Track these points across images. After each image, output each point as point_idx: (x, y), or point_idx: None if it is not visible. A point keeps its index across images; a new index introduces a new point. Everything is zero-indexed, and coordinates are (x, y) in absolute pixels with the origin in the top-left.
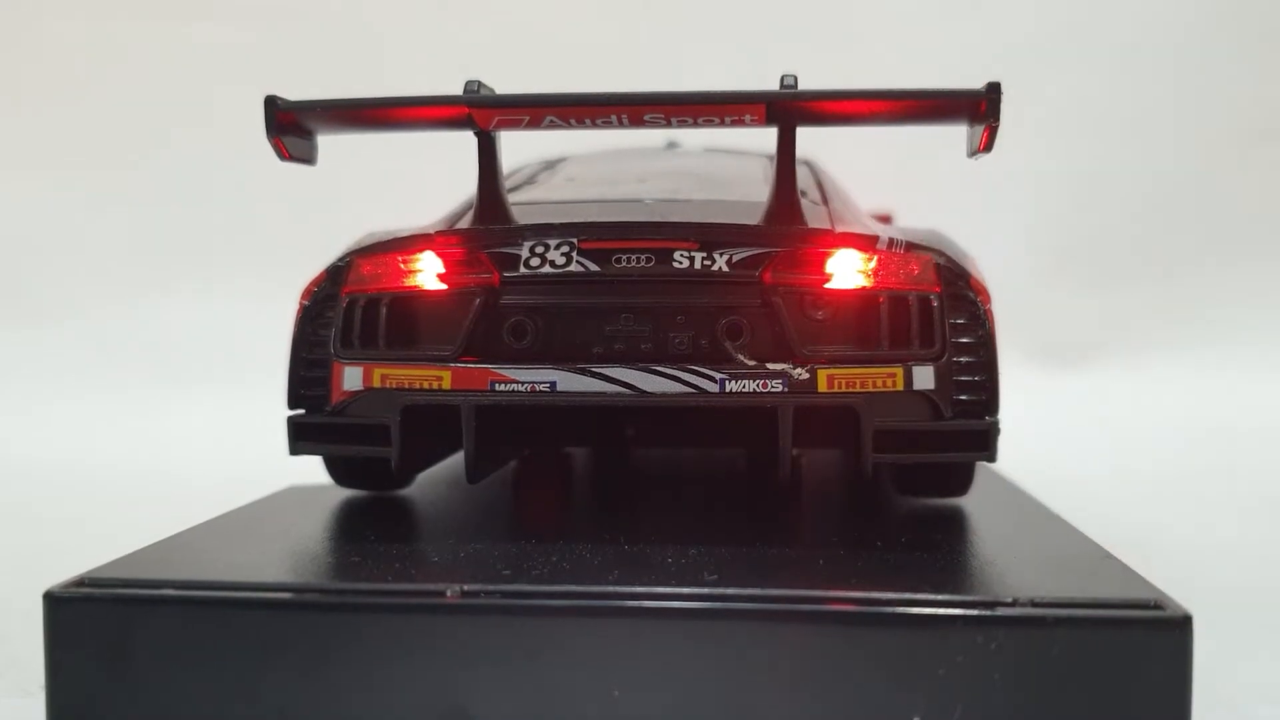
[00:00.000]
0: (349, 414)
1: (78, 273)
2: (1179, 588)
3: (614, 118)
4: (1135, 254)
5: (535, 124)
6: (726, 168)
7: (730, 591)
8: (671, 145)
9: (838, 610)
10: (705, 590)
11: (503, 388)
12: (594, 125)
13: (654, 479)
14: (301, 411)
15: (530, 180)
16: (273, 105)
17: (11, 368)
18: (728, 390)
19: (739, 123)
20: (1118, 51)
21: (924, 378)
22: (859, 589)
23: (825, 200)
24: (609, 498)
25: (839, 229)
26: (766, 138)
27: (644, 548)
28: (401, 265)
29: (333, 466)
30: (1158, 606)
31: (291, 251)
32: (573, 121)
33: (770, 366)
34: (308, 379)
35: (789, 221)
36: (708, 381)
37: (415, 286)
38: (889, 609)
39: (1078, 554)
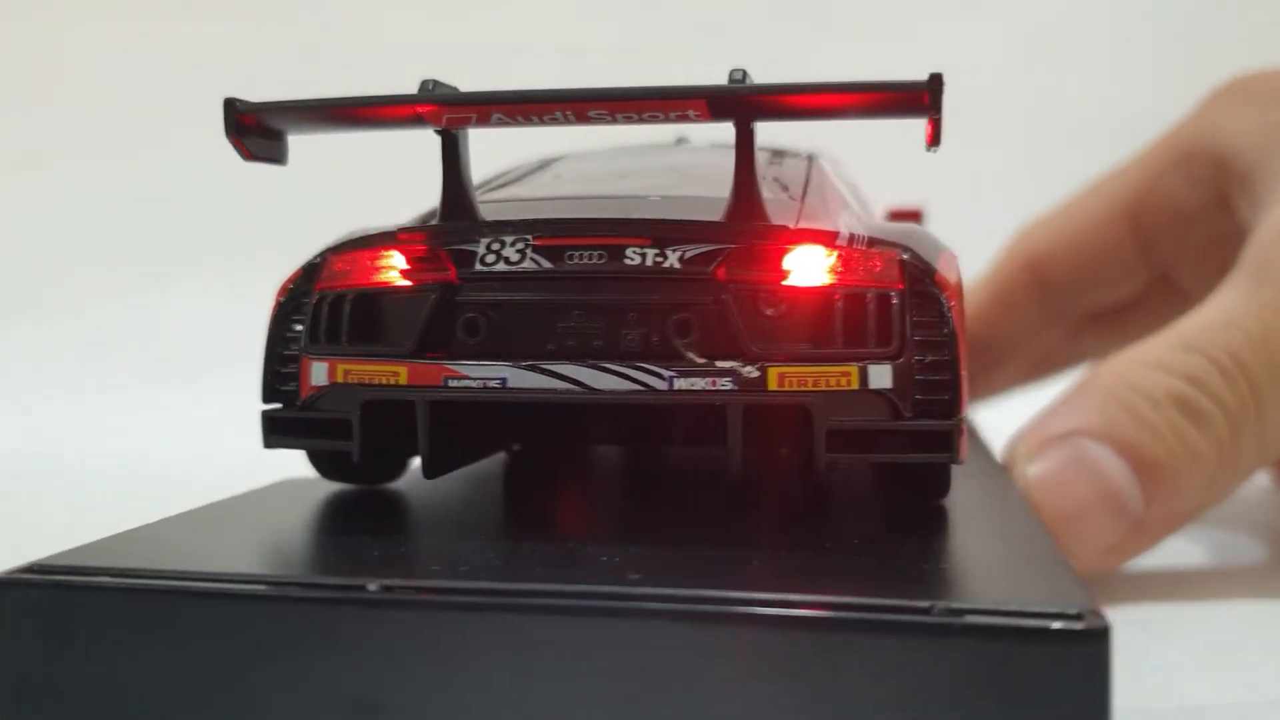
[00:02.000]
0: (317, 408)
1: (75, 271)
2: None
3: (559, 114)
4: None
5: (484, 121)
6: (721, 164)
7: (642, 591)
8: (680, 141)
9: (744, 612)
10: (619, 589)
11: (456, 383)
12: (541, 123)
13: (624, 478)
14: (275, 406)
15: (519, 178)
16: (231, 107)
17: (10, 366)
18: (676, 388)
19: (684, 118)
20: None
21: (881, 377)
22: (772, 591)
23: (804, 196)
24: (572, 496)
25: (802, 225)
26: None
27: (583, 546)
28: (368, 262)
29: (316, 460)
30: (1078, 617)
31: (290, 249)
32: (520, 119)
33: (719, 364)
34: (282, 374)
35: (748, 218)
36: (656, 379)
37: (378, 283)
38: (796, 611)
39: (1021, 558)
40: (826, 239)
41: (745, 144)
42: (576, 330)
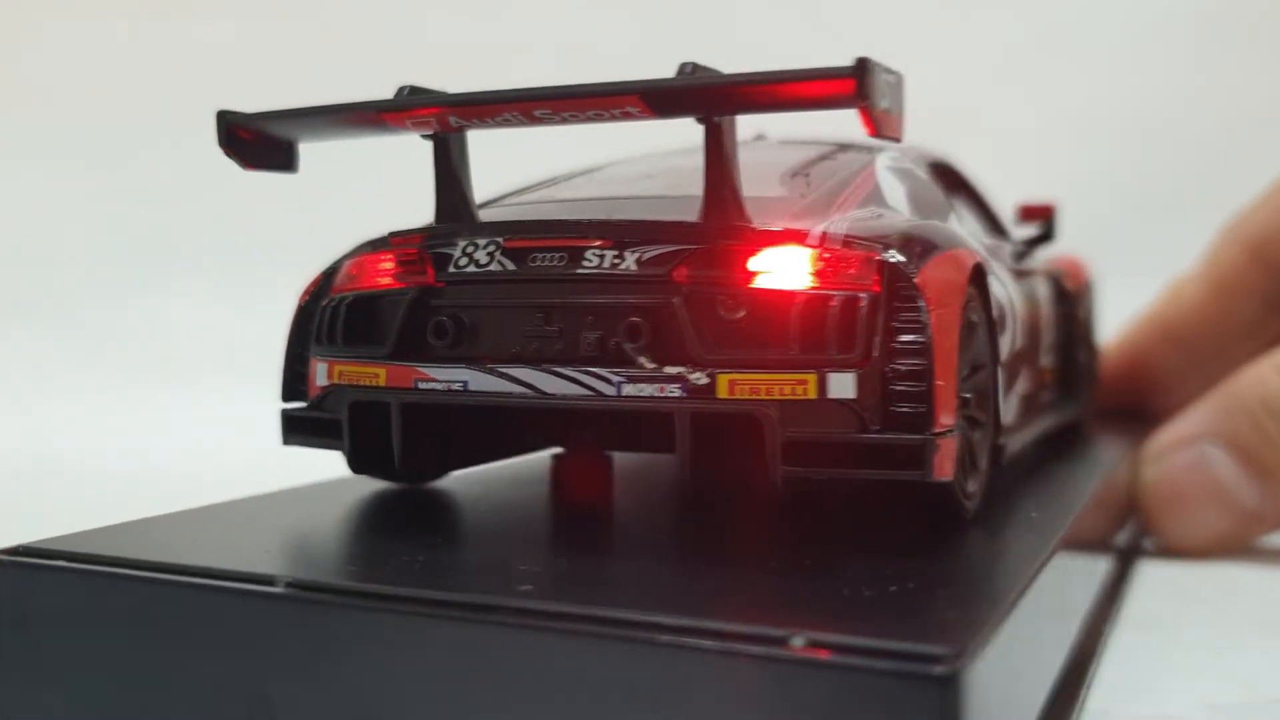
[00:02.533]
0: (322, 408)
1: (74, 272)
2: None
3: (508, 115)
4: None
5: (444, 125)
6: (761, 161)
7: (502, 602)
8: (759, 138)
9: (600, 631)
10: (493, 601)
11: (425, 385)
12: (493, 124)
13: (600, 486)
14: (292, 405)
15: (557, 182)
16: (221, 119)
17: (10, 366)
18: (624, 394)
19: (627, 115)
20: None
21: (842, 385)
22: (640, 611)
23: (815, 194)
24: (540, 503)
25: (776, 225)
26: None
27: (510, 556)
28: (370, 266)
29: (348, 459)
30: (930, 660)
31: (291, 250)
32: (475, 121)
33: (667, 370)
34: (299, 374)
35: (717, 217)
36: (605, 384)
37: (371, 286)
38: (652, 635)
39: (925, 590)
40: (793, 239)
41: (713, 140)
42: (537, 333)
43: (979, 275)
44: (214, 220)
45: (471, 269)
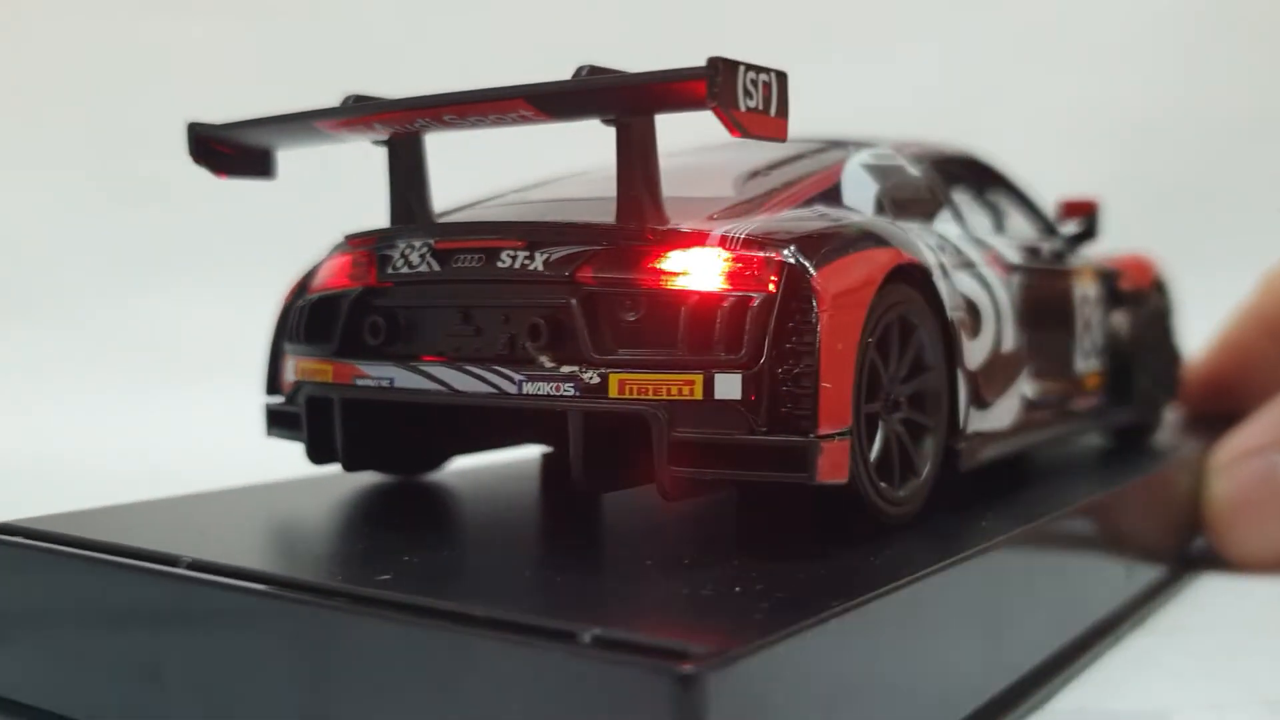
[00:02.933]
0: (293, 402)
1: (73, 273)
2: None
3: (421, 121)
4: None
5: (374, 131)
6: (729, 161)
7: (342, 587)
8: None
9: (416, 621)
10: (347, 587)
11: (361, 383)
12: (415, 129)
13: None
14: (270, 399)
15: (539, 185)
16: (193, 130)
17: (10, 366)
18: (524, 392)
19: (523, 118)
20: None
21: (728, 387)
22: (459, 602)
23: (748, 194)
24: (468, 503)
25: (692, 226)
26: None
27: (407, 549)
28: (333, 267)
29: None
30: (679, 659)
31: (289, 251)
32: (377, 126)
33: (564, 369)
34: (278, 370)
35: (626, 219)
36: (508, 383)
37: (331, 286)
38: (464, 626)
39: (758, 592)
40: (692, 241)
41: (621, 141)
42: (457, 333)
43: (917, 276)
44: (215, 220)
45: (405, 270)
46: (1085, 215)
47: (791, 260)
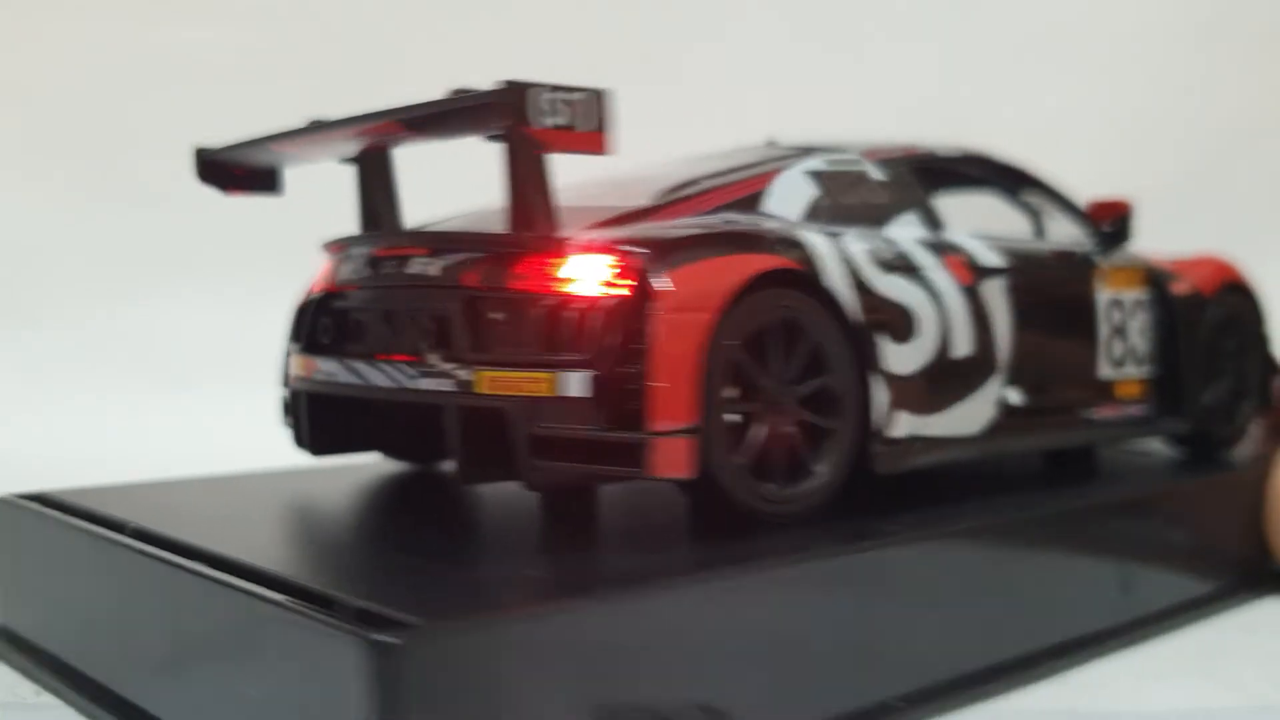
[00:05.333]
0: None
1: (72, 274)
2: None
3: (348, 139)
4: None
5: (297, 153)
6: (669, 174)
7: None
8: (770, 143)
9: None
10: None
11: (317, 376)
12: (312, 151)
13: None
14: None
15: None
16: (200, 156)
17: (10, 367)
18: (415, 387)
19: (402, 138)
20: None
21: (576, 384)
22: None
23: (640, 203)
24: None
25: (565, 234)
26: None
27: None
28: (319, 271)
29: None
30: (384, 626)
31: (289, 253)
32: (330, 145)
33: (444, 366)
34: (287, 364)
35: (516, 226)
36: (405, 377)
37: (313, 288)
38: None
39: (534, 580)
40: (556, 247)
41: (513, 153)
42: (380, 333)
43: (799, 281)
44: (216, 225)
45: (351, 276)
46: (1117, 217)
47: (640, 265)
